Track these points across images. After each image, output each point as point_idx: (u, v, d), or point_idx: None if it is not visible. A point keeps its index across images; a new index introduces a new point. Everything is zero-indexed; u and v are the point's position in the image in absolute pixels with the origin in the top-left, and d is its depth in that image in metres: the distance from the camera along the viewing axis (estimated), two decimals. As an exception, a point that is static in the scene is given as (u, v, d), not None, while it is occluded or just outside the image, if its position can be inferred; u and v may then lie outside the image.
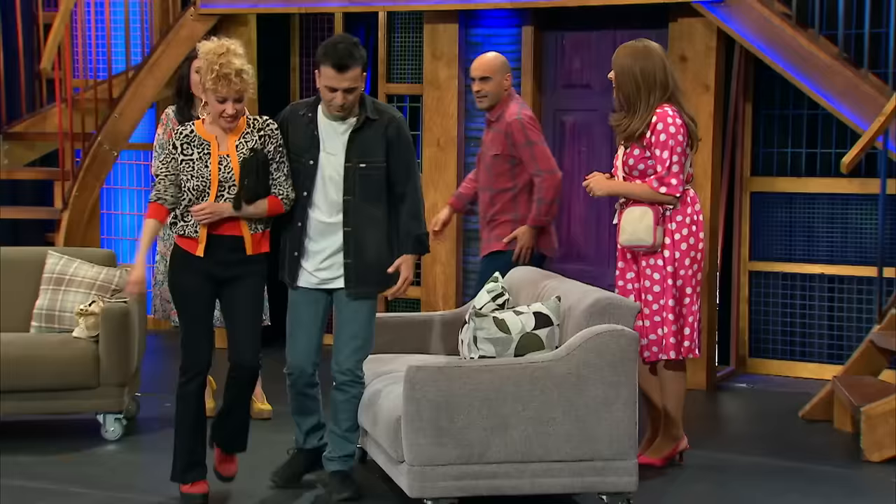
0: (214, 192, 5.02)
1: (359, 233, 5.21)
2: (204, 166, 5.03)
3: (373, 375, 5.44)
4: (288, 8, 8.39)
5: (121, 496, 5.41)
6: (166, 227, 6.59)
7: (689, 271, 5.69)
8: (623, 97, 5.71)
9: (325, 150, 5.19)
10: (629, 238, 5.66)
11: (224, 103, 4.96)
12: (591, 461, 4.89)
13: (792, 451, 6.19)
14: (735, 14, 7.15)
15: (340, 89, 5.05)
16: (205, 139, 5.06)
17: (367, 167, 5.18)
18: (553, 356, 4.90)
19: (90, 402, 6.21)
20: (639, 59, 5.67)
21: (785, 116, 7.83)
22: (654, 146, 5.60)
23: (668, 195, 5.61)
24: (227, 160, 5.03)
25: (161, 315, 6.71)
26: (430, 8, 8.03)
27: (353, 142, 5.18)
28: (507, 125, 6.39)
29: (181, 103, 6.59)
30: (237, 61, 4.96)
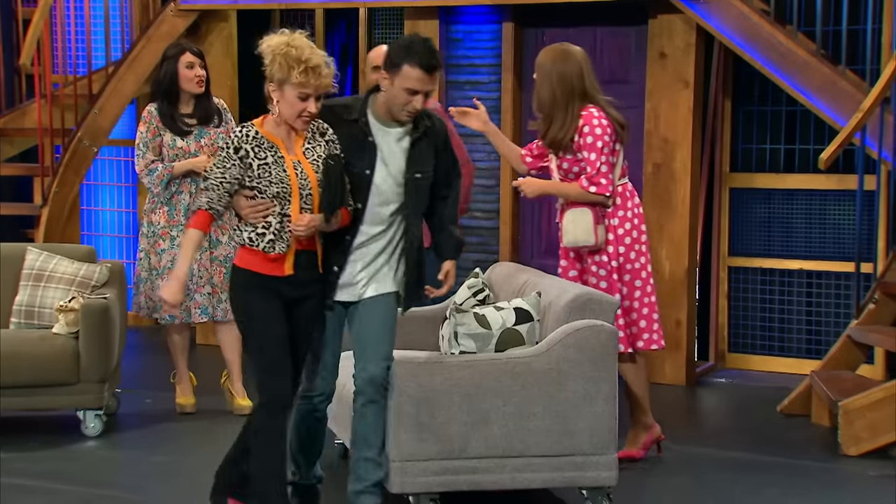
0: (297, 200, 4.53)
1: (409, 246, 4.81)
2: (282, 170, 4.51)
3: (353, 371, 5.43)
4: (268, 4, 8.38)
5: (101, 493, 5.39)
6: (149, 223, 6.60)
7: (637, 264, 5.76)
8: (539, 101, 5.78)
9: (381, 157, 4.74)
10: (572, 239, 5.75)
11: (306, 101, 4.49)
12: (572, 456, 4.89)
13: (770, 445, 6.21)
14: (714, 10, 7.16)
15: (423, 92, 4.65)
16: (272, 142, 4.56)
17: (421, 178, 4.78)
18: (533, 352, 4.90)
19: (70, 399, 6.19)
20: (557, 63, 5.72)
21: (763, 113, 7.85)
22: (583, 148, 5.67)
23: (599, 194, 5.68)
24: (300, 166, 4.54)
25: (145, 313, 6.69)
26: (410, 4, 8.03)
27: (413, 151, 4.76)
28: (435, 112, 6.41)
29: (165, 101, 6.55)
30: (320, 53, 4.57)
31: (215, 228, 6.55)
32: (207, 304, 6.55)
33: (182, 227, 6.49)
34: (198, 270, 6.52)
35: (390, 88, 4.64)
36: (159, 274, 6.52)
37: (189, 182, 6.53)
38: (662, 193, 7.51)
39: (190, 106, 6.59)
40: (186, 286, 6.46)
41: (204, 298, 6.54)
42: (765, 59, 7.05)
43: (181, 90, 6.54)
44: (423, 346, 5.79)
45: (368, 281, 4.78)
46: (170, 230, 6.54)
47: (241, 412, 6.59)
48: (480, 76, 8.09)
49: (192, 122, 6.57)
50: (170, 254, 6.50)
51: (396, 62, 4.61)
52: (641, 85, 7.61)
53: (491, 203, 8.12)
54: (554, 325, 5.01)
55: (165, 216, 6.55)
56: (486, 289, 5.49)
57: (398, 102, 4.65)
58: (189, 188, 6.54)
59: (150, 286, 6.56)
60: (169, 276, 4.56)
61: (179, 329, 6.68)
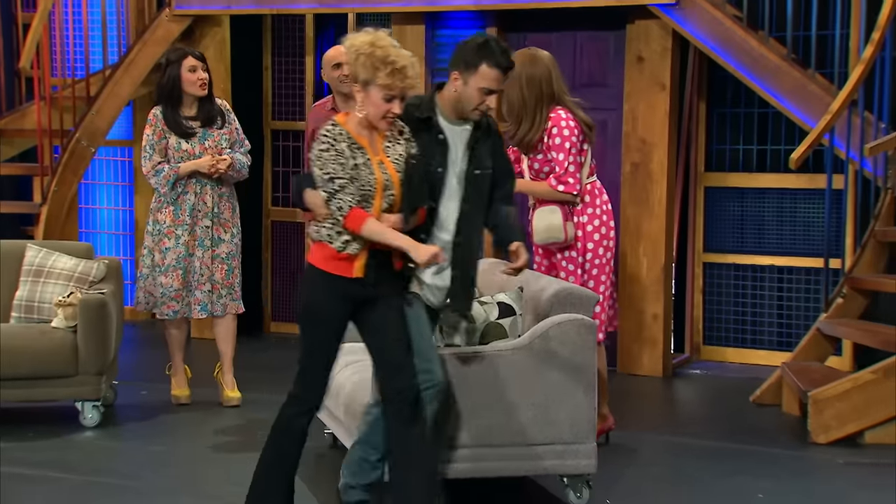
0: (379, 200, 4.32)
1: (466, 244, 4.62)
2: (369, 172, 4.31)
3: (342, 364, 5.41)
4: (260, 9, 8.35)
5: (99, 480, 5.36)
6: (155, 222, 6.54)
7: (603, 259, 5.83)
8: (507, 104, 5.80)
9: (452, 155, 4.55)
10: (543, 237, 5.78)
11: (391, 102, 4.27)
12: (553, 445, 4.88)
13: (743, 433, 6.22)
14: (689, 17, 7.16)
15: (497, 91, 4.50)
16: (359, 143, 4.35)
17: (482, 174, 4.59)
18: (516, 344, 4.89)
19: (69, 390, 6.16)
20: (526, 66, 5.72)
21: (737, 114, 7.86)
22: (551, 149, 5.70)
23: (567, 193, 5.72)
24: (383, 166, 4.34)
25: (144, 308, 6.65)
26: (397, 10, 8.01)
27: (476, 148, 4.58)
28: None
29: (168, 105, 6.49)
30: (406, 54, 4.31)
31: (217, 227, 6.52)
32: (207, 300, 6.52)
33: (187, 226, 6.47)
34: (199, 268, 6.48)
35: (463, 88, 4.46)
36: (162, 271, 6.49)
37: (194, 183, 6.49)
38: (640, 192, 7.51)
39: (193, 108, 6.54)
40: (189, 282, 6.47)
41: (204, 295, 6.51)
42: (738, 63, 7.06)
43: (184, 93, 6.49)
44: (410, 340, 5.77)
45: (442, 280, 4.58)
46: (175, 229, 6.49)
47: (230, 403, 6.59)
48: (465, 79, 8.08)
49: (196, 125, 6.52)
50: (174, 252, 6.46)
51: (472, 62, 4.43)
52: (620, 88, 7.61)
53: (475, 201, 8.12)
54: (535, 319, 5.00)
55: (171, 215, 6.50)
56: (470, 284, 5.48)
57: (472, 102, 4.47)
58: (194, 189, 6.50)
59: (152, 282, 6.53)
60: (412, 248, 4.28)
61: (178, 324, 6.65)
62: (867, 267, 6.69)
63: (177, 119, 6.48)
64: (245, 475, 5.40)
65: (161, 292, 6.49)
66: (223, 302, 6.55)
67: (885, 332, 6.29)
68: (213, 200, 6.52)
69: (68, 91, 8.56)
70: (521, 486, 5.22)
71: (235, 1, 8.34)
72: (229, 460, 5.66)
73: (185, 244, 6.47)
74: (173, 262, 6.46)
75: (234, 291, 6.60)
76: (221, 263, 6.55)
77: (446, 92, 4.53)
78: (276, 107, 8.89)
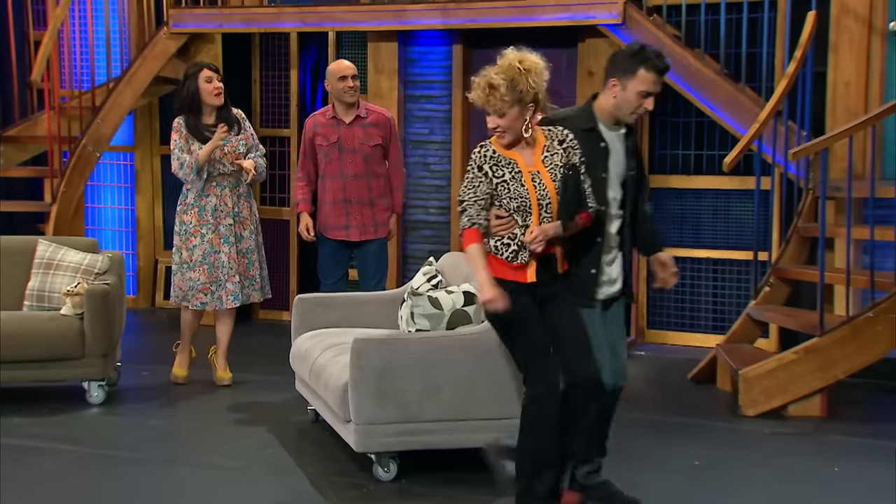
0: (536, 212, 4.19)
1: (627, 241, 4.47)
2: (520, 185, 4.18)
3: (324, 347, 5.43)
4: (249, 28, 8.33)
5: (103, 452, 5.35)
6: (181, 223, 6.51)
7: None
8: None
9: (614, 159, 4.39)
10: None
11: (489, 116, 4.23)
12: (510, 419, 4.89)
13: (681, 408, 6.26)
14: (633, 35, 7.19)
15: (654, 93, 4.31)
16: (509, 158, 4.22)
17: (634, 174, 4.44)
18: (479, 329, 4.91)
19: (76, 371, 6.14)
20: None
21: (676, 123, 7.90)
22: None
23: None
24: (539, 177, 4.20)
25: (175, 301, 6.61)
26: (372, 29, 8.01)
27: (629, 150, 4.43)
28: (386, 119, 6.43)
29: (189, 114, 6.46)
30: (493, 75, 4.20)
31: (238, 224, 6.50)
32: (238, 290, 6.49)
33: (210, 225, 6.43)
34: (227, 262, 6.45)
35: (622, 94, 4.29)
36: (190, 267, 6.46)
37: (215, 186, 6.45)
38: (590, 192, 7.54)
39: (212, 117, 6.50)
40: (218, 277, 6.44)
41: (235, 286, 6.46)
42: (677, 77, 7.10)
43: (203, 103, 6.45)
44: (384, 325, 5.79)
45: (618, 280, 4.45)
46: (200, 228, 6.45)
47: (222, 383, 6.59)
48: (433, 91, 8.10)
49: (215, 132, 6.47)
50: (200, 248, 6.44)
51: (630, 68, 4.29)
52: (573, 98, 7.63)
53: (443, 201, 8.13)
54: (496, 307, 5.02)
55: (196, 216, 6.46)
56: (438, 275, 5.50)
57: (631, 105, 4.31)
58: (215, 191, 6.45)
59: (182, 277, 6.50)
60: (481, 288, 4.15)
61: (195, 312, 6.63)
62: (791, 259, 6.75)
63: (198, 126, 6.45)
64: (236, 448, 5.43)
65: (189, 286, 6.47)
66: (247, 292, 6.55)
67: (806, 317, 6.36)
68: (233, 201, 6.49)
69: (75, 101, 8.51)
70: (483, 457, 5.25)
71: (227, 20, 8.32)
72: (223, 434, 5.66)
73: (209, 241, 6.44)
74: (200, 258, 6.44)
75: (257, 282, 6.58)
76: (243, 258, 6.53)
77: (603, 100, 4.37)
78: (263, 115, 8.87)
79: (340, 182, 6.45)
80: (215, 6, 8.45)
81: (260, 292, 6.61)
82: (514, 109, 4.16)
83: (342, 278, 6.60)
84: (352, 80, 6.39)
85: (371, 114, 6.46)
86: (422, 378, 4.82)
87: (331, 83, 6.43)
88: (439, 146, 8.12)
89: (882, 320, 5.96)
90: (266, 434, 5.64)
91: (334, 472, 5.05)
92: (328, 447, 5.40)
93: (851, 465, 5.23)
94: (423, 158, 8.12)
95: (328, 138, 6.43)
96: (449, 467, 5.07)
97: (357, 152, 6.41)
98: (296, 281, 8.70)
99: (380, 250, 6.56)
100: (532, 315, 4.24)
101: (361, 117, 6.43)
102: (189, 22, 8.33)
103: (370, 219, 6.46)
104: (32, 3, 8.93)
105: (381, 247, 6.56)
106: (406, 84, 8.09)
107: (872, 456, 5.35)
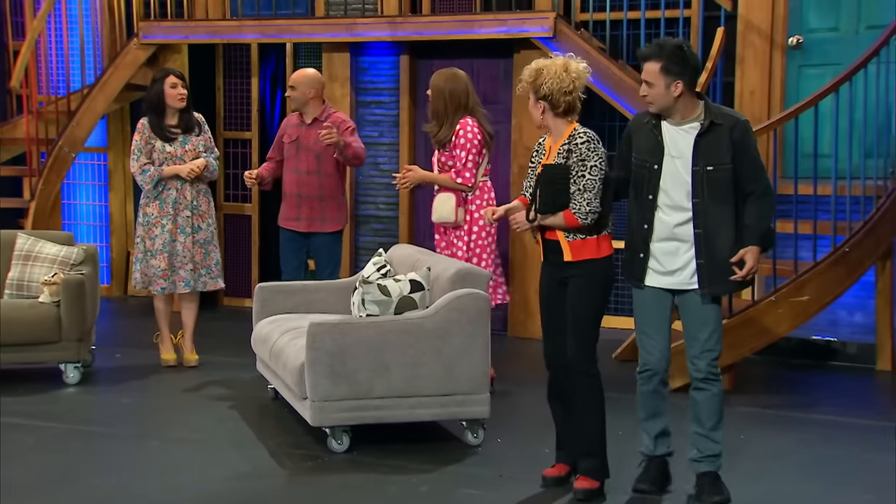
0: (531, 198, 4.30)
1: (709, 234, 4.14)
2: (534, 172, 4.34)
3: (282, 331, 5.39)
4: (213, 39, 8.24)
5: (80, 428, 5.29)
6: (144, 214, 6.44)
7: (485, 242, 5.92)
8: (433, 111, 5.92)
9: (670, 153, 4.16)
10: (438, 217, 5.92)
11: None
12: (454, 395, 4.92)
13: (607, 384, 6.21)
14: (563, 47, 7.20)
15: (649, 83, 4.12)
16: (544, 148, 4.34)
17: (714, 170, 4.10)
18: (425, 314, 4.91)
19: (53, 354, 6.07)
20: (449, 82, 5.89)
21: (602, 126, 7.92)
22: (456, 147, 5.84)
23: (463, 184, 5.87)
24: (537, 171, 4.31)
25: (141, 286, 6.52)
26: (327, 40, 7.96)
27: (699, 146, 4.11)
28: (342, 121, 6.41)
29: (154, 114, 6.42)
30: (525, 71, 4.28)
31: (196, 217, 6.44)
32: (190, 278, 6.42)
33: (170, 216, 6.39)
34: (182, 251, 6.40)
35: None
36: (152, 254, 6.39)
37: (176, 180, 6.41)
38: (524, 190, 7.56)
39: (175, 118, 6.46)
40: (173, 264, 6.38)
41: (187, 274, 6.41)
42: (602, 85, 7.14)
43: (167, 105, 6.42)
44: (337, 311, 5.78)
45: (688, 270, 4.19)
46: (161, 219, 6.40)
47: (189, 364, 6.52)
48: (383, 97, 8.07)
49: (177, 132, 6.45)
50: (161, 238, 6.38)
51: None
52: (509, 105, 7.65)
53: (392, 197, 8.11)
54: (440, 293, 5.03)
55: (157, 208, 6.41)
56: (387, 265, 5.49)
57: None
58: (175, 185, 6.41)
59: (146, 264, 6.43)
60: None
61: (165, 299, 6.55)
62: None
63: (161, 126, 6.42)
64: (202, 423, 5.39)
65: (152, 272, 6.41)
66: (203, 280, 6.49)
67: (718, 302, 6.42)
68: (192, 195, 6.45)
69: (52, 106, 8.39)
70: (430, 430, 5.25)
71: (193, 32, 8.22)
72: (189, 411, 5.62)
73: (169, 231, 6.39)
74: (160, 247, 6.38)
75: (212, 271, 6.52)
76: (200, 248, 6.47)
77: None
78: (227, 119, 8.78)
79: (295, 177, 6.44)
80: (182, 19, 8.35)
81: (216, 280, 6.55)
82: (530, 100, 4.30)
83: (300, 266, 6.57)
84: (289, 91, 6.46)
85: (330, 118, 6.44)
86: (372, 359, 4.81)
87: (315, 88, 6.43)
88: (388, 148, 8.09)
89: (783, 304, 6.05)
90: (229, 410, 5.60)
91: (292, 445, 5.02)
92: (286, 422, 5.37)
93: (756, 432, 5.30)
94: (373, 159, 8.08)
95: (291, 136, 6.47)
96: (397, 440, 5.06)
97: (311, 150, 6.39)
98: (257, 271, 8.63)
99: (333, 243, 6.54)
100: (543, 295, 4.40)
101: (320, 120, 6.41)
102: (157, 34, 8.22)
103: (318, 213, 6.44)
104: (11, 14, 8.79)
105: (334, 240, 6.54)
106: (357, 91, 8.05)
107: (774, 424, 5.43)
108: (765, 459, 4.86)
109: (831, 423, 5.46)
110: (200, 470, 4.67)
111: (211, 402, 5.78)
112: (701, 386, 4.24)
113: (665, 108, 4.14)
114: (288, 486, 4.53)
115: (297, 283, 6.06)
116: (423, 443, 5.03)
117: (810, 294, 6.06)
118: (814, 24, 7.03)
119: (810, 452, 5.01)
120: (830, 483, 4.59)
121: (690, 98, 4.14)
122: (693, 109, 4.14)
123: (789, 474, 4.71)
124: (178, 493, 4.39)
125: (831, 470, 4.77)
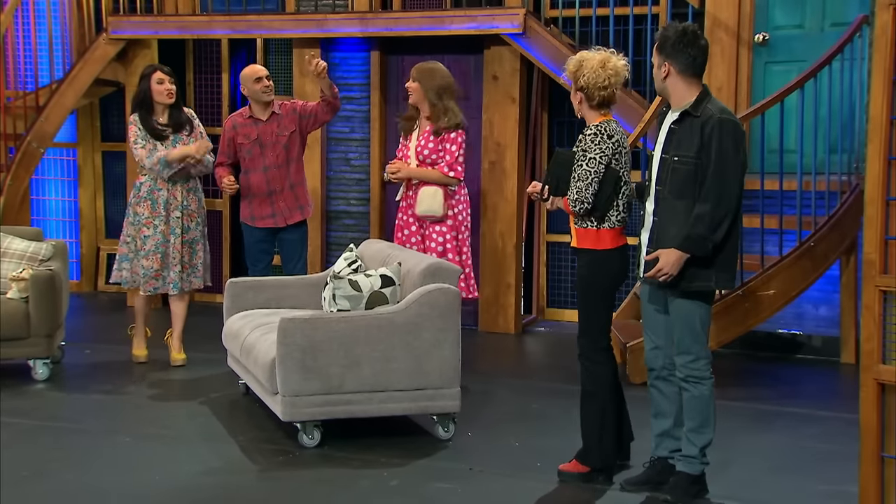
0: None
1: (661, 225, 4.07)
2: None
3: (253, 326, 5.38)
4: (183, 35, 8.18)
5: (49, 424, 5.24)
6: (135, 214, 6.36)
7: (466, 234, 5.98)
8: (429, 102, 5.89)
9: (660, 141, 4.15)
10: (425, 209, 5.87)
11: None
12: (425, 389, 4.93)
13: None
14: (533, 44, 7.25)
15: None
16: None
17: (679, 161, 4.00)
18: (395, 309, 4.91)
19: (22, 350, 6.01)
20: (437, 77, 5.91)
21: (573, 123, 7.96)
22: (447, 141, 5.87)
23: (456, 178, 5.87)
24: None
25: (130, 284, 6.45)
26: (297, 36, 7.93)
27: (673, 134, 4.06)
28: (291, 105, 6.43)
29: (143, 111, 6.33)
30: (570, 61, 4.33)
31: (186, 217, 6.38)
32: (178, 280, 6.35)
33: (162, 217, 6.28)
34: (172, 252, 6.32)
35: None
36: (143, 255, 6.31)
37: (167, 180, 6.31)
38: (496, 185, 7.59)
39: (164, 116, 6.37)
40: (167, 265, 6.31)
41: (176, 275, 6.33)
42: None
43: (155, 102, 6.33)
44: (308, 306, 5.77)
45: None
46: (153, 220, 6.31)
47: (176, 363, 6.45)
48: (353, 93, 8.05)
49: (168, 130, 6.33)
50: (153, 239, 6.29)
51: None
52: (479, 101, 7.66)
53: (363, 193, 8.10)
54: (411, 288, 5.03)
55: (149, 209, 6.31)
56: (358, 260, 5.49)
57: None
58: (166, 185, 6.31)
59: (137, 264, 6.36)
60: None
61: (147, 298, 6.49)
62: (673, 244, 6.84)
63: (151, 124, 6.32)
64: (173, 418, 5.36)
65: (143, 273, 6.32)
66: (190, 280, 6.42)
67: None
68: (183, 195, 6.36)
69: (21, 101, 8.30)
70: (401, 424, 5.25)
71: (162, 28, 8.16)
72: (159, 407, 5.59)
73: (161, 232, 6.30)
74: (152, 248, 6.29)
75: (198, 270, 6.44)
76: (188, 247, 6.40)
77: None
78: (198, 115, 8.67)
79: (263, 175, 6.39)
80: (151, 14, 8.29)
81: (201, 279, 6.51)
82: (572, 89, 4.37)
83: (268, 266, 6.55)
84: (266, 80, 6.37)
85: (282, 108, 6.43)
86: (343, 353, 4.81)
87: (247, 86, 6.37)
88: (359, 143, 8.08)
89: (750, 298, 6.10)
90: (200, 406, 5.57)
91: (263, 440, 5.01)
92: (257, 417, 5.36)
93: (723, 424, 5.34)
94: (344, 154, 8.08)
95: (249, 136, 6.39)
96: (368, 434, 5.06)
97: (277, 144, 6.38)
98: (228, 266, 8.59)
99: (303, 234, 6.54)
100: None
101: (276, 114, 6.40)
102: (127, 29, 8.15)
103: (293, 202, 6.43)
104: (-22, 9, 8.67)
105: (303, 231, 6.54)
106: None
107: (741, 417, 5.48)
108: (731, 451, 4.90)
109: (797, 416, 5.52)
110: (171, 465, 4.65)
111: (182, 398, 5.75)
112: (683, 385, 4.17)
113: (659, 90, 4.17)
114: (259, 480, 4.52)
115: (268, 278, 6.04)
116: (394, 437, 5.03)
117: (776, 288, 6.12)
118: (780, 21, 7.09)
119: (776, 443, 5.06)
120: (794, 473, 4.64)
121: (685, 84, 4.05)
122: (688, 97, 4.06)
123: (755, 465, 4.75)
124: (149, 489, 4.37)
125: (796, 461, 4.81)
